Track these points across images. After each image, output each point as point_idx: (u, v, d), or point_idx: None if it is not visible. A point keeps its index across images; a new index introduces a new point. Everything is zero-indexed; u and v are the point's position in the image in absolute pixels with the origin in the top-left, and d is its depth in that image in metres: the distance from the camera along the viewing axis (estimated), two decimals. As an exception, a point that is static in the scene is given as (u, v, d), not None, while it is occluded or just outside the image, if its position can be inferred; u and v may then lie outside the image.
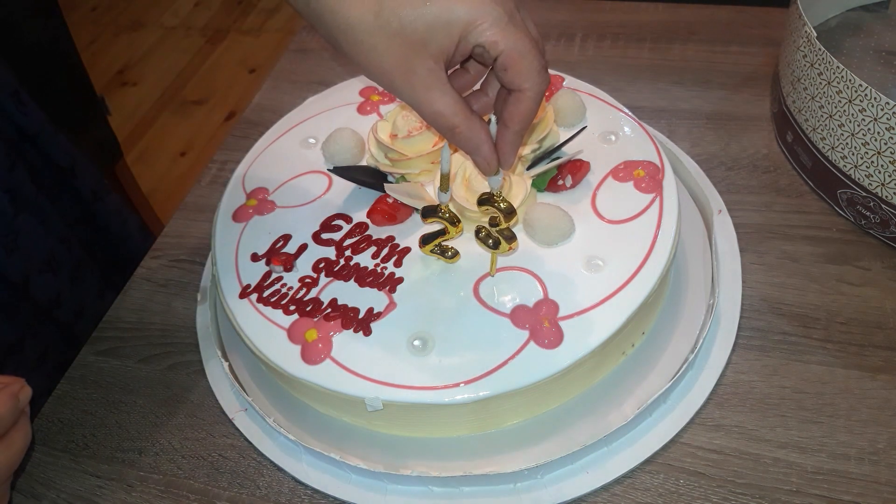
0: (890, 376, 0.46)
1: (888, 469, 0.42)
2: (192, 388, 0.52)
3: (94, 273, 0.69)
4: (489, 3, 0.33)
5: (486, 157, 0.38)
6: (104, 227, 0.73)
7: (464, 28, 0.33)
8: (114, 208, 0.74)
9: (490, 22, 0.33)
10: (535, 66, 0.34)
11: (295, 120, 0.60)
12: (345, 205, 0.52)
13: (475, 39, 0.33)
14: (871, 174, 0.50)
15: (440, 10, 0.33)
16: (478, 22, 0.33)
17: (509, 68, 0.34)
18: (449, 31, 0.33)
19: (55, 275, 0.63)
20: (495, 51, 0.34)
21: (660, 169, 0.50)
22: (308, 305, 0.46)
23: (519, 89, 0.35)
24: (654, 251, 0.45)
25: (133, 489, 0.47)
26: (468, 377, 0.41)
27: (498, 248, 0.43)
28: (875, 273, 0.51)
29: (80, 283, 0.66)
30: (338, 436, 0.46)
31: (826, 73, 0.50)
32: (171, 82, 2.10)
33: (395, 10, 0.33)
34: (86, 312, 0.65)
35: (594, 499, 0.43)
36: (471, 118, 0.36)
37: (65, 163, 0.68)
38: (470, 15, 0.33)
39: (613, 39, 0.74)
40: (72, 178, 0.69)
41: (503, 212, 0.41)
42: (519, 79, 0.35)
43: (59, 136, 0.67)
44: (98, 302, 0.59)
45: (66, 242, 0.66)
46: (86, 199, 0.71)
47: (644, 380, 0.46)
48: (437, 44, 0.33)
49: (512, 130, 0.37)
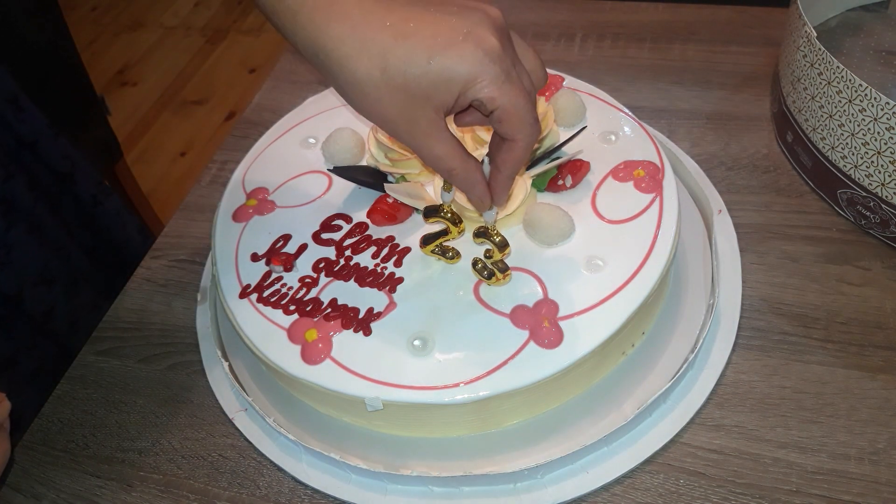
0: (890, 376, 0.46)
1: (888, 469, 0.42)
2: (192, 388, 0.52)
3: (90, 283, 0.68)
4: (488, 62, 0.35)
5: (479, 196, 0.40)
6: (105, 231, 0.73)
7: (464, 85, 0.35)
8: (113, 211, 0.74)
9: (489, 80, 0.35)
10: (528, 120, 0.37)
11: (295, 120, 0.60)
12: (345, 205, 0.52)
13: (474, 95, 0.35)
14: (871, 174, 0.50)
15: (442, 69, 0.35)
16: (478, 80, 0.35)
17: (504, 121, 0.36)
18: (450, 87, 0.35)
19: (49, 288, 0.63)
20: (492, 106, 0.36)
21: (660, 169, 0.50)
22: (308, 305, 0.46)
23: (512, 139, 0.38)
24: (654, 251, 0.45)
25: (133, 489, 0.47)
26: (468, 377, 0.41)
27: (491, 280, 0.45)
28: (875, 273, 0.51)
29: (76, 295, 0.66)
30: (338, 436, 0.46)
31: (826, 73, 0.50)
32: (171, 82, 2.10)
33: (401, 67, 0.35)
34: (81, 325, 0.65)
35: (594, 499, 0.43)
36: (467, 161, 0.39)
37: (64, 168, 0.68)
38: (470, 74, 0.35)
39: (613, 39, 0.74)
40: (71, 184, 0.69)
41: (497, 245, 0.43)
42: (513, 131, 0.37)
43: (58, 141, 0.67)
44: (93, 314, 0.59)
45: (62, 252, 0.65)
46: (86, 204, 0.71)
47: (644, 380, 0.46)
48: (438, 98, 0.36)
49: (504, 175, 0.40)
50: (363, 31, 0.35)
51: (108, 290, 0.63)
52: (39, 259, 0.63)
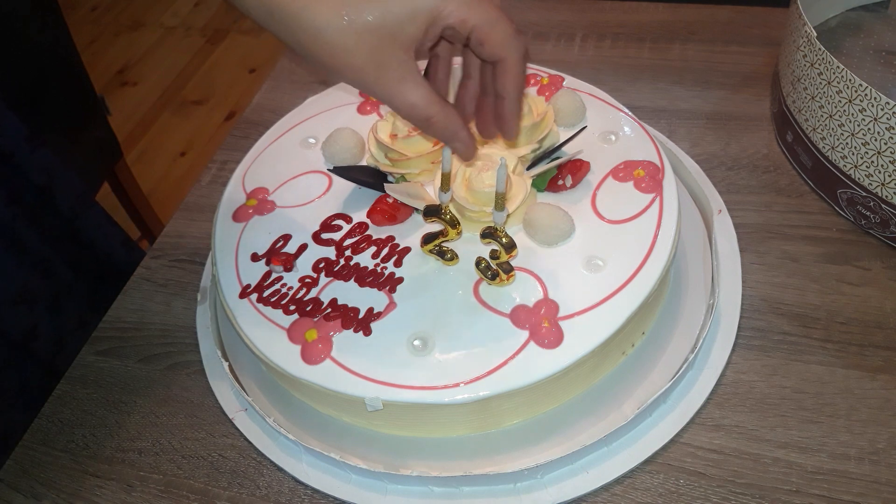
0: (890, 376, 0.46)
1: (888, 469, 0.42)
2: (192, 388, 0.52)
3: (74, 299, 0.66)
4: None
5: (464, 142, 0.38)
6: (87, 245, 0.71)
7: (430, 13, 0.33)
8: (95, 224, 0.72)
9: (456, 3, 0.33)
10: (510, 32, 0.35)
11: (295, 120, 0.60)
12: (345, 205, 0.52)
13: (444, 22, 0.34)
14: (871, 174, 0.50)
15: (405, 1, 0.33)
16: (442, 5, 0.33)
17: (485, 42, 0.35)
18: (415, 19, 0.33)
19: (31, 307, 0.61)
20: (465, 28, 0.34)
21: (660, 169, 0.50)
22: (308, 305, 0.46)
23: (500, 59, 0.36)
24: (654, 251, 0.45)
25: (133, 489, 0.47)
26: (468, 377, 0.41)
27: (495, 281, 0.44)
28: (875, 273, 0.51)
29: (60, 313, 0.64)
30: (338, 436, 0.46)
31: (826, 73, 0.50)
32: (171, 82, 2.10)
33: (362, 8, 0.33)
34: (66, 344, 0.63)
35: (594, 499, 0.43)
36: (445, 107, 0.37)
37: (41, 181, 0.66)
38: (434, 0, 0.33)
39: (613, 39, 0.74)
40: (50, 198, 0.67)
41: (504, 246, 0.43)
42: (497, 49, 0.35)
43: (36, 153, 0.65)
44: (80, 331, 0.58)
45: (44, 268, 0.63)
46: (66, 218, 0.69)
47: (644, 380, 0.46)
48: (405, 34, 0.34)
49: (509, 99, 0.37)
50: None
51: (94, 305, 0.61)
52: (18, 278, 0.61)
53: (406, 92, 0.35)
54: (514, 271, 0.45)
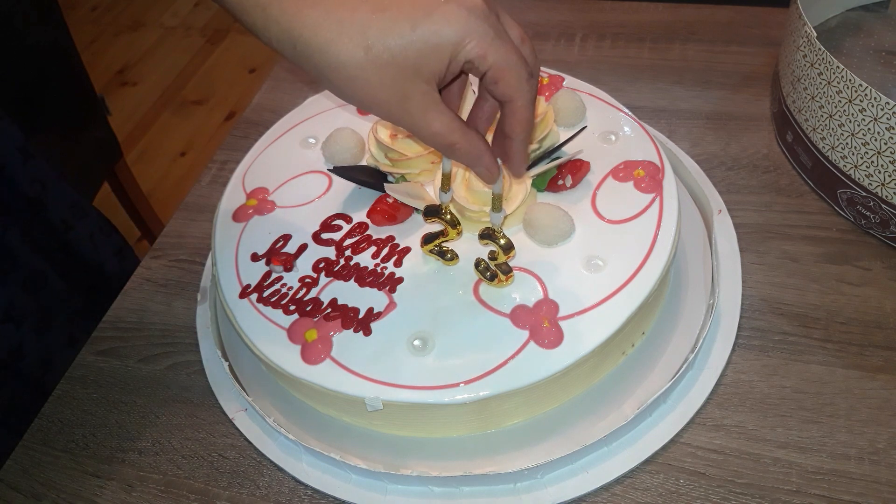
0: (890, 376, 0.46)
1: (888, 469, 0.42)
2: (192, 388, 0.52)
3: (65, 313, 0.65)
4: (475, 20, 0.33)
5: (487, 167, 0.39)
6: (79, 256, 0.71)
7: (453, 48, 0.34)
8: (86, 234, 0.72)
9: (478, 39, 0.34)
10: (523, 76, 0.35)
11: (295, 120, 0.60)
12: (345, 205, 0.52)
13: (465, 56, 0.34)
14: (871, 174, 0.50)
15: (428, 35, 0.33)
16: (466, 40, 0.34)
17: (499, 81, 0.35)
18: (439, 53, 0.34)
19: (17, 326, 0.61)
20: (484, 65, 0.34)
21: (660, 169, 0.50)
22: (308, 305, 0.46)
23: (510, 100, 0.36)
24: (654, 251, 0.45)
25: (133, 489, 0.47)
26: (468, 377, 0.41)
27: (493, 281, 0.44)
28: (875, 273, 0.51)
29: (47, 332, 0.63)
30: (338, 436, 0.46)
31: (826, 73, 0.50)
32: (171, 82, 2.10)
33: (384, 42, 0.33)
34: (54, 362, 0.62)
35: (594, 499, 0.43)
36: (468, 132, 0.37)
37: (33, 193, 0.65)
38: (458, 35, 0.33)
39: (613, 39, 0.74)
40: (43, 209, 0.67)
41: (502, 247, 0.43)
42: (509, 90, 0.35)
43: (28, 164, 0.64)
44: (68, 349, 0.56)
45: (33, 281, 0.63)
46: (57, 230, 0.68)
47: (644, 380, 0.46)
48: (428, 68, 0.34)
49: (516, 140, 0.38)
50: (338, 12, 0.33)
51: (86, 316, 0.61)
52: (3, 296, 0.60)
53: (430, 121, 0.36)
54: (512, 272, 0.45)
